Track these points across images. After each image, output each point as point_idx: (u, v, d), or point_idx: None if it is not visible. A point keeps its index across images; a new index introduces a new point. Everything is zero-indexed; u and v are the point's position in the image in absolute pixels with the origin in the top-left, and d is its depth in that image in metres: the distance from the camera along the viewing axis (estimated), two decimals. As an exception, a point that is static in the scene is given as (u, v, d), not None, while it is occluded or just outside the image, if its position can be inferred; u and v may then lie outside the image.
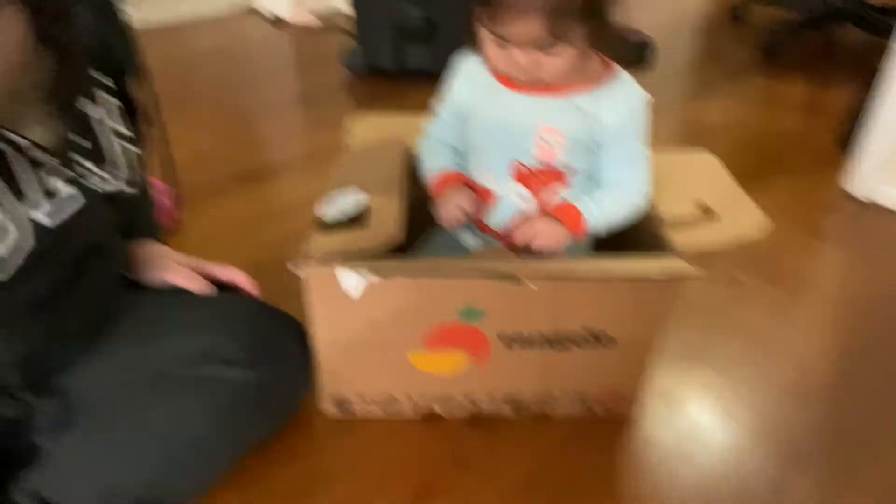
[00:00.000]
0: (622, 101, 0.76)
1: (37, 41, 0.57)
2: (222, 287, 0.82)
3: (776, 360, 1.02)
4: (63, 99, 0.63)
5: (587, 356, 0.81)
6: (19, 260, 0.58)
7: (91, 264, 0.68)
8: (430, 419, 0.89)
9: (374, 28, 1.92)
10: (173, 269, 0.81)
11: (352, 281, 0.73)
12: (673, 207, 0.83)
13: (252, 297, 0.82)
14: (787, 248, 1.28)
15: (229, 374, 0.71)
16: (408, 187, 0.87)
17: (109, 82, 0.70)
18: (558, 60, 0.71)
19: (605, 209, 0.79)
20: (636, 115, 0.77)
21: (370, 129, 1.00)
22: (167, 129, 1.22)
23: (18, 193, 0.58)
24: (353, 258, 0.73)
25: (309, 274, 0.73)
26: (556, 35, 0.68)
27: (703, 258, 0.75)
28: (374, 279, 0.72)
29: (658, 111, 0.82)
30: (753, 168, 1.54)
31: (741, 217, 0.82)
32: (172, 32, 2.42)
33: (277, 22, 2.50)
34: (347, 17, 2.04)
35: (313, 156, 1.63)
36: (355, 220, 0.79)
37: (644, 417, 0.90)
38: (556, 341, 0.80)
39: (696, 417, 0.92)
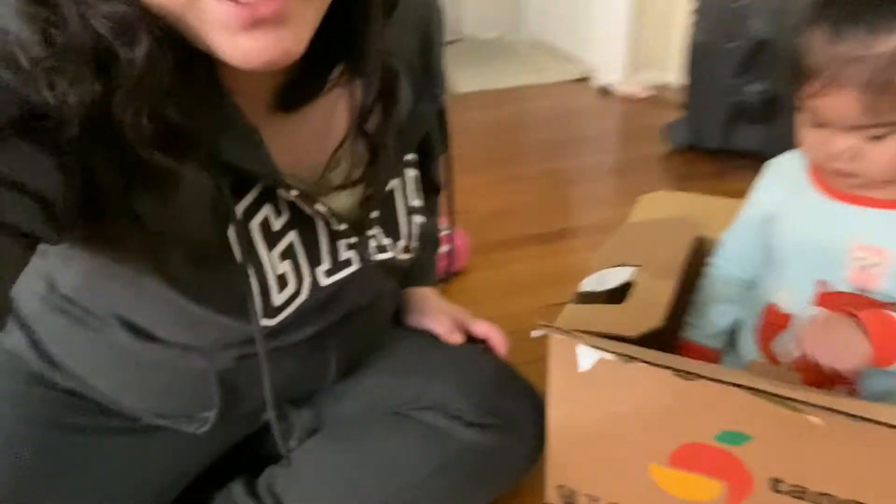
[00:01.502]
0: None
1: (360, 125, 0.59)
2: (473, 339, 0.83)
3: None
4: (373, 182, 0.63)
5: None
6: (293, 311, 0.62)
7: (358, 316, 0.72)
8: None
9: (705, 101, 1.81)
10: (435, 316, 0.84)
11: (587, 356, 0.66)
12: None
13: (497, 357, 0.81)
14: None
15: (456, 430, 0.71)
16: (686, 275, 0.78)
17: (413, 156, 0.70)
18: (886, 152, 0.57)
19: None
20: None
21: (663, 205, 0.93)
22: (487, 182, 1.27)
23: (313, 256, 0.61)
24: (600, 333, 0.66)
25: (549, 343, 0.69)
26: (878, 116, 0.55)
27: None
28: (611, 357, 0.64)
29: None
30: None
31: None
32: (508, 94, 2.61)
33: (607, 92, 2.53)
34: (677, 89, 1.97)
35: (611, 227, 1.58)
36: (615, 295, 0.73)
37: None
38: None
39: None
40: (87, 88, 0.42)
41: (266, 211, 0.57)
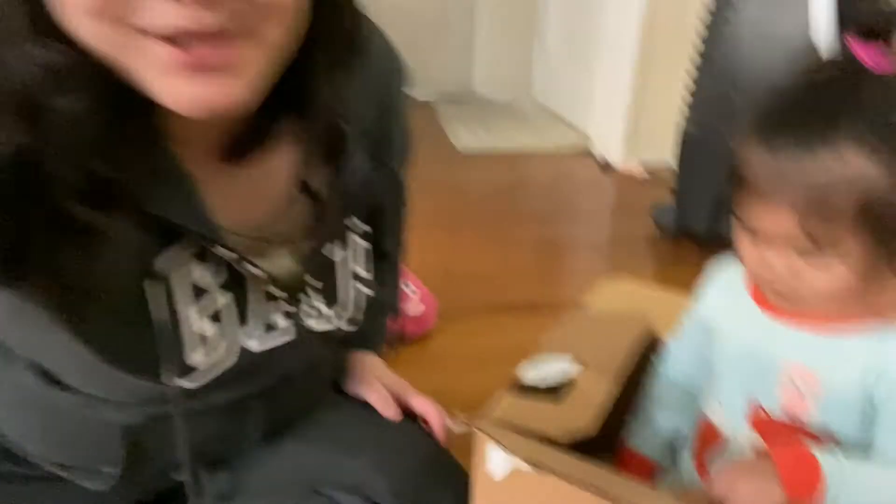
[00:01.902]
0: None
1: (303, 183, 0.57)
2: (409, 414, 0.80)
3: None
4: (314, 244, 0.61)
5: None
6: (215, 374, 0.59)
7: (289, 383, 0.69)
8: None
9: (695, 188, 1.82)
10: (373, 386, 0.81)
11: (498, 460, 0.63)
12: None
13: (430, 438, 0.78)
14: None
15: None
16: (632, 375, 0.76)
17: (364, 227, 0.68)
18: (824, 277, 0.54)
19: (865, 483, 0.54)
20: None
21: (620, 294, 0.91)
22: (476, 243, 1.26)
23: (243, 319, 0.58)
24: (518, 432, 0.64)
25: (473, 436, 0.66)
26: (814, 239, 0.52)
27: None
28: (524, 467, 0.61)
29: None
30: None
31: None
32: (510, 157, 2.64)
33: (606, 166, 2.54)
34: (672, 172, 1.98)
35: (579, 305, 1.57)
36: (553, 392, 0.71)
37: None
38: None
39: None
40: (12, 139, 0.40)
41: (196, 268, 0.55)
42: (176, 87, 0.41)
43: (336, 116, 0.56)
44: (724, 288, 0.68)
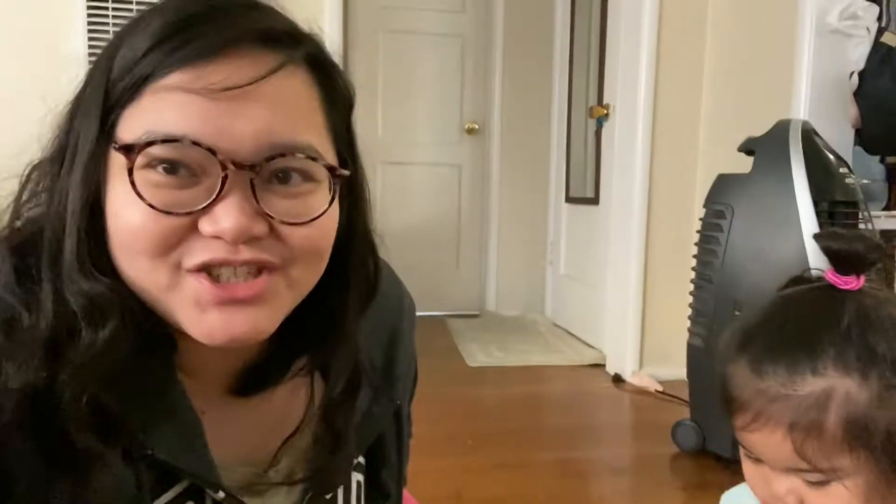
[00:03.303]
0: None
1: (328, 418, 0.57)
2: None
3: None
4: (319, 487, 0.60)
5: None
6: None
7: None
8: None
9: (711, 405, 1.78)
10: None
11: None
12: None
13: None
14: None
15: None
16: None
17: (362, 460, 0.66)
18: (830, 500, 0.52)
19: None
20: None
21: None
22: (493, 465, 1.22)
23: None
24: None
25: None
26: (810, 460, 0.51)
27: None
28: None
29: None
30: None
31: None
32: (524, 372, 2.64)
33: (619, 380, 2.53)
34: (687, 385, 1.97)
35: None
36: None
37: None
38: None
39: None
40: (32, 373, 0.42)
41: None
42: (207, 320, 0.45)
43: (358, 352, 0.58)
44: None
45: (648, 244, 2.49)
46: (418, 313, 0.73)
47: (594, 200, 2.94)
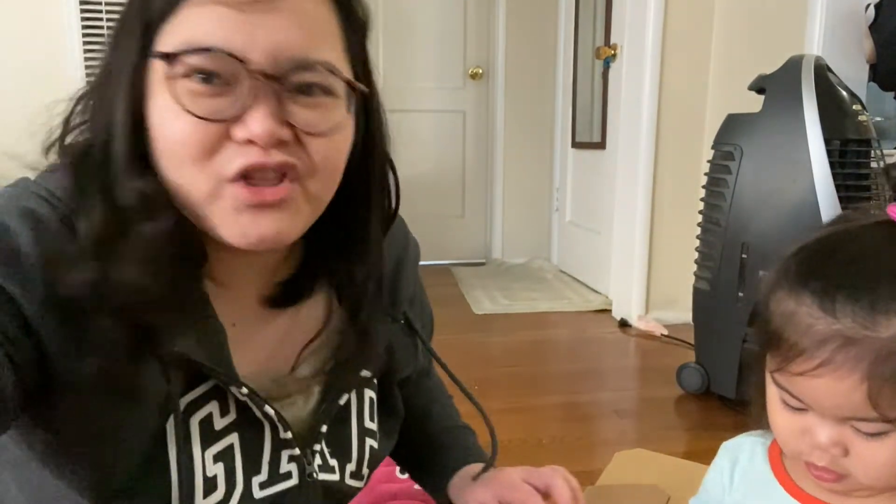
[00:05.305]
0: None
1: (355, 312, 0.62)
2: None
3: None
4: (332, 393, 0.63)
5: None
6: None
7: None
8: None
9: (715, 348, 1.79)
10: (519, 488, 0.79)
11: None
12: None
13: None
14: None
15: None
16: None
17: (373, 376, 0.69)
18: (883, 452, 0.48)
19: None
20: None
21: (637, 465, 0.88)
22: (500, 409, 1.24)
23: (252, 467, 0.58)
24: None
25: None
26: (880, 409, 0.46)
27: None
28: None
29: None
30: None
31: None
32: (532, 318, 2.65)
33: (625, 325, 2.54)
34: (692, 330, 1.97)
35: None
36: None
37: None
38: None
39: None
40: (82, 272, 0.46)
41: (211, 407, 0.55)
42: (241, 221, 0.49)
43: (382, 266, 0.62)
44: (742, 470, 0.63)
45: (655, 189, 2.46)
46: (424, 262, 0.78)
47: (601, 145, 2.89)
